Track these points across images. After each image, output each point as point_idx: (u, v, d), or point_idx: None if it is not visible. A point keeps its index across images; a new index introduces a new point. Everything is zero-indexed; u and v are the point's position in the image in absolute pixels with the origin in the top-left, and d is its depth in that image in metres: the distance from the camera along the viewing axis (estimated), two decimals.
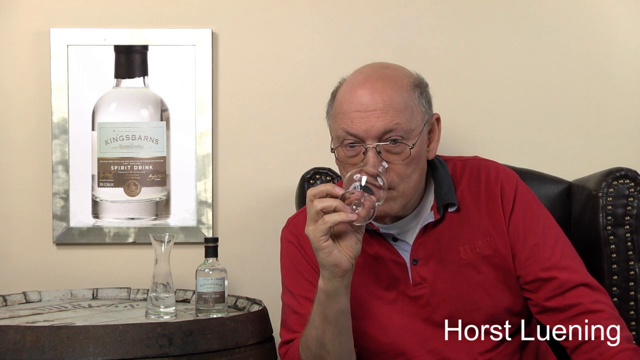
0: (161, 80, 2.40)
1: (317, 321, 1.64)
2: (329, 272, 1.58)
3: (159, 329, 1.77)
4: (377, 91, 1.66)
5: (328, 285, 1.60)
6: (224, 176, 2.42)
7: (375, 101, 1.65)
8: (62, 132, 2.38)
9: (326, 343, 1.64)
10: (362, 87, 1.67)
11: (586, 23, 2.41)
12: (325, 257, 1.56)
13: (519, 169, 2.07)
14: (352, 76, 1.74)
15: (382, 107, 1.65)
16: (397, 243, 1.76)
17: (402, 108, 1.66)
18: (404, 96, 1.67)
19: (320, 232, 1.54)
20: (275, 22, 2.42)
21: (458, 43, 2.41)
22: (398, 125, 1.65)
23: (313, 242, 1.56)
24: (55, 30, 2.38)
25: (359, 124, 1.65)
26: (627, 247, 2.02)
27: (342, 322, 1.64)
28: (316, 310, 1.64)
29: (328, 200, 1.53)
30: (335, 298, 1.61)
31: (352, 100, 1.67)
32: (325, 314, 1.62)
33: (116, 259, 2.41)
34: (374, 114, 1.65)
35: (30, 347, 1.72)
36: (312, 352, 1.67)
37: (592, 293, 1.67)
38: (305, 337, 1.68)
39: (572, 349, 1.65)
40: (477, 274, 1.73)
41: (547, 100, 2.41)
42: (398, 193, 1.68)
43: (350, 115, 1.66)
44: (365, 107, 1.65)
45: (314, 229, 1.55)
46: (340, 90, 1.72)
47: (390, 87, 1.67)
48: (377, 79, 1.68)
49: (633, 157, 2.33)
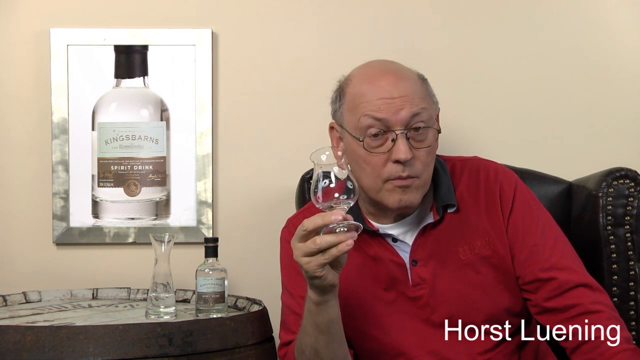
0: (161, 80, 2.40)
1: (310, 329, 1.64)
2: (320, 290, 1.57)
3: (159, 329, 1.77)
4: (401, 79, 1.69)
5: (319, 299, 1.58)
6: (224, 176, 2.41)
7: (399, 88, 1.67)
8: (62, 132, 2.38)
9: (319, 350, 1.64)
10: (382, 78, 1.69)
11: (586, 23, 2.41)
12: (320, 283, 1.54)
13: (519, 169, 2.07)
14: (363, 70, 1.75)
15: (409, 93, 1.68)
16: (397, 244, 1.76)
17: (423, 95, 1.71)
18: (419, 85, 1.72)
19: (319, 266, 1.50)
20: (275, 22, 2.42)
21: (458, 42, 2.41)
22: (424, 110, 1.68)
23: (309, 272, 1.52)
24: (55, 30, 2.38)
25: (387, 111, 1.66)
26: (627, 247, 2.02)
27: (334, 329, 1.63)
28: (308, 319, 1.63)
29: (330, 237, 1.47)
30: (326, 308, 1.60)
31: (376, 90, 1.68)
32: (316, 324, 1.62)
33: (116, 259, 2.41)
34: (401, 100, 1.67)
35: (30, 347, 1.72)
36: (307, 357, 1.66)
37: (591, 293, 1.67)
38: (300, 343, 1.68)
39: (571, 349, 1.64)
40: (477, 274, 1.73)
41: (547, 100, 2.41)
42: (420, 182, 1.69)
43: (375, 102, 1.67)
44: (390, 94, 1.67)
45: (311, 261, 1.50)
46: (354, 84, 1.73)
47: (408, 77, 1.71)
48: (394, 70, 1.72)
49: (633, 157, 2.33)
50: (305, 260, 1.51)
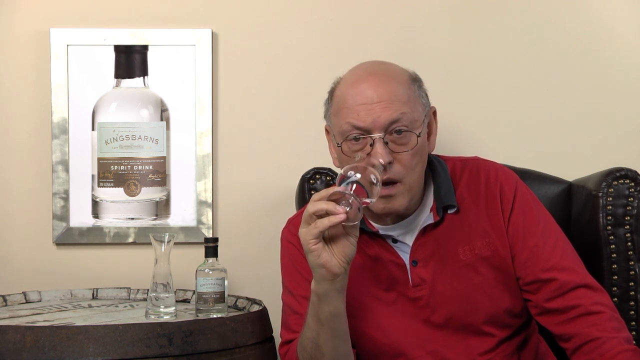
0: (161, 80, 2.40)
1: (311, 322, 1.64)
2: (318, 275, 1.58)
3: (159, 329, 1.77)
4: (381, 84, 1.68)
5: (318, 288, 1.60)
6: (224, 176, 2.42)
7: (379, 93, 1.66)
8: (62, 132, 2.38)
9: (320, 344, 1.64)
10: (364, 81, 1.69)
11: (586, 22, 2.41)
12: (314, 260, 1.56)
13: (519, 169, 2.07)
14: (350, 73, 1.75)
15: (387, 98, 1.66)
16: (397, 244, 1.76)
17: (405, 99, 1.68)
18: (405, 88, 1.70)
19: (310, 236, 1.53)
20: (275, 22, 2.42)
21: (457, 42, 2.41)
22: (404, 115, 1.66)
23: (303, 244, 1.56)
24: (55, 30, 2.38)
25: (365, 116, 1.66)
26: (627, 247, 2.02)
27: (335, 325, 1.63)
28: (310, 312, 1.64)
29: (320, 203, 1.52)
30: (326, 301, 1.60)
31: (356, 94, 1.68)
32: (318, 316, 1.62)
33: (116, 259, 2.41)
34: (379, 105, 1.66)
35: (30, 347, 1.72)
36: (308, 352, 1.66)
37: (592, 294, 1.67)
38: (302, 338, 1.69)
39: (572, 350, 1.64)
40: (477, 275, 1.73)
41: (547, 100, 2.41)
42: (404, 187, 1.69)
43: (355, 108, 1.67)
44: (370, 100, 1.66)
45: (305, 231, 1.55)
46: (340, 88, 1.73)
47: (392, 80, 1.69)
48: (378, 73, 1.70)
49: (633, 157, 2.33)
50: (301, 232, 1.54)
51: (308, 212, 1.54)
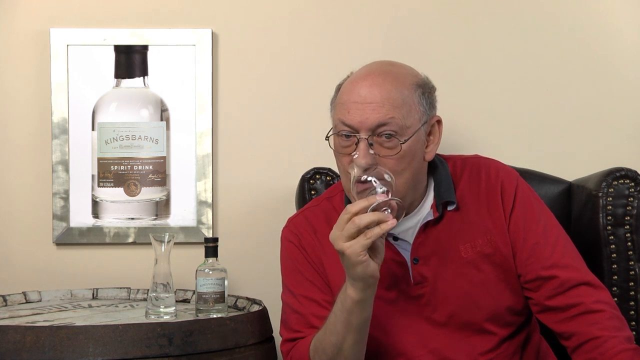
0: (161, 80, 2.40)
1: (340, 328, 1.63)
2: (364, 284, 1.57)
3: (159, 329, 1.77)
4: (376, 85, 1.67)
5: (360, 295, 1.58)
6: (224, 176, 2.42)
7: (372, 94, 1.66)
8: (62, 132, 2.38)
9: (344, 349, 1.64)
10: (363, 80, 1.69)
11: (587, 23, 2.41)
12: (362, 270, 1.54)
13: (519, 169, 2.06)
14: (358, 70, 1.76)
15: (379, 100, 1.65)
16: (398, 242, 1.76)
17: (399, 104, 1.66)
18: (403, 92, 1.68)
19: (361, 247, 1.52)
20: (275, 22, 2.42)
21: (458, 43, 2.41)
22: (392, 119, 1.65)
23: (351, 258, 1.53)
24: (55, 30, 2.38)
25: (354, 115, 1.66)
26: (627, 247, 2.03)
27: (364, 329, 1.64)
28: (339, 317, 1.62)
29: (369, 215, 1.51)
30: (363, 306, 1.60)
31: (352, 92, 1.68)
32: (350, 321, 1.61)
33: (116, 259, 2.41)
34: (370, 106, 1.65)
35: (30, 347, 1.72)
36: (328, 356, 1.66)
37: (593, 292, 1.67)
38: (321, 342, 1.67)
39: (572, 348, 1.64)
40: (478, 272, 1.73)
41: (548, 100, 2.41)
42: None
43: (347, 105, 1.67)
44: (362, 99, 1.66)
45: (353, 244, 1.52)
46: (346, 83, 1.74)
47: (390, 82, 1.68)
48: (379, 74, 1.69)
49: (633, 157, 2.33)
50: (347, 245, 1.52)
51: (358, 227, 1.51)
